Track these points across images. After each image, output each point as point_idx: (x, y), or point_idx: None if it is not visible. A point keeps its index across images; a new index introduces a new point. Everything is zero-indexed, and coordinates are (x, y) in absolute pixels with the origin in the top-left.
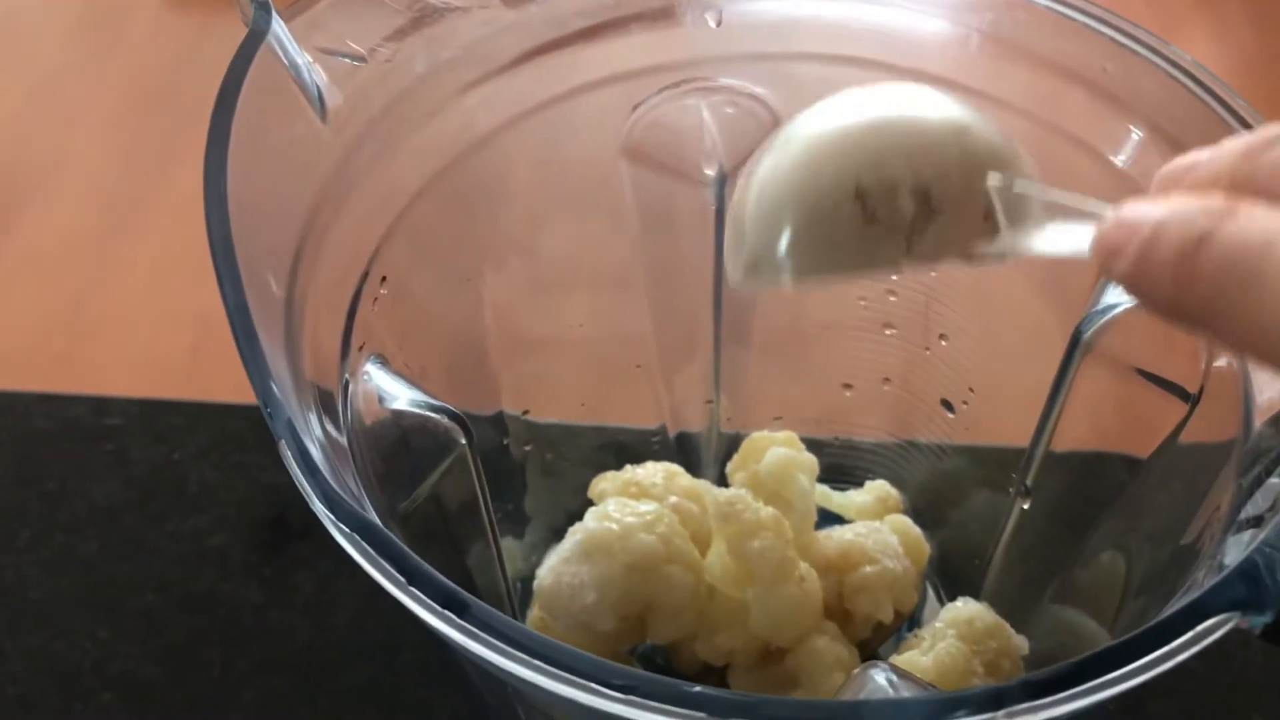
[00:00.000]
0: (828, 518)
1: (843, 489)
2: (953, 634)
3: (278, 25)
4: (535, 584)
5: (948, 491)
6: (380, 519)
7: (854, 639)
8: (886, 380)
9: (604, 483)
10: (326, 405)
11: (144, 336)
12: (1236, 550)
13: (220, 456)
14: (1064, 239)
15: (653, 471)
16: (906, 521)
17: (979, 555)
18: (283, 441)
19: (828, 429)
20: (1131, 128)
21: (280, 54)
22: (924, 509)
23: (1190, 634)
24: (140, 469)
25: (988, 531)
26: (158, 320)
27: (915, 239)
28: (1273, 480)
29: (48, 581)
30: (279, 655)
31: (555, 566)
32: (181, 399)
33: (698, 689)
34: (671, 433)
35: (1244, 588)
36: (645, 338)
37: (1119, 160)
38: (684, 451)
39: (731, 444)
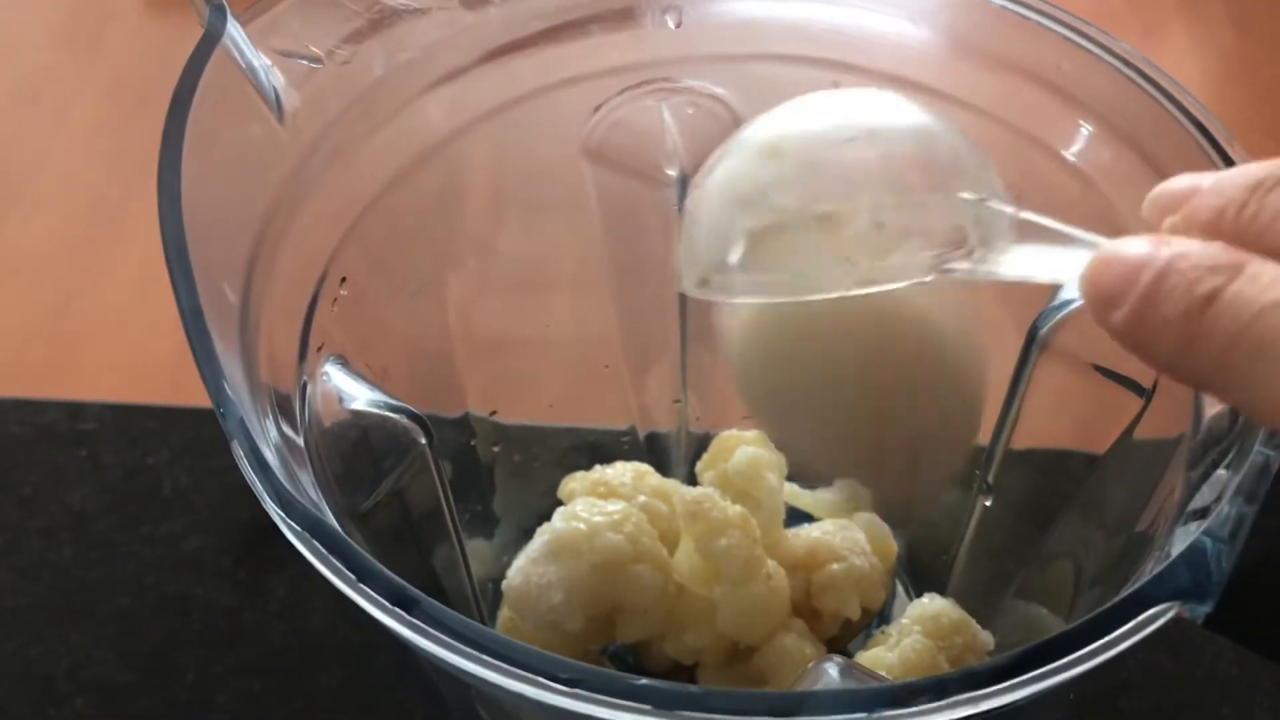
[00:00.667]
0: (797, 516)
1: (812, 487)
2: (918, 630)
3: (233, 27)
4: (504, 585)
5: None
6: (339, 521)
7: (822, 636)
8: None
9: (573, 483)
10: (284, 408)
11: (128, 341)
12: (1184, 542)
13: (195, 460)
14: (1042, 266)
15: (621, 471)
16: (874, 519)
17: (945, 552)
18: (235, 441)
19: None
20: (1082, 122)
21: (236, 56)
22: (892, 508)
23: (1131, 624)
24: (114, 474)
25: (954, 528)
26: (142, 325)
27: (881, 261)
28: (1219, 473)
29: (22, 587)
30: (254, 658)
31: (523, 567)
32: (156, 404)
33: (644, 682)
34: (641, 432)
35: (1186, 577)
36: (612, 338)
37: (1070, 155)
38: (654, 451)
39: (701, 443)
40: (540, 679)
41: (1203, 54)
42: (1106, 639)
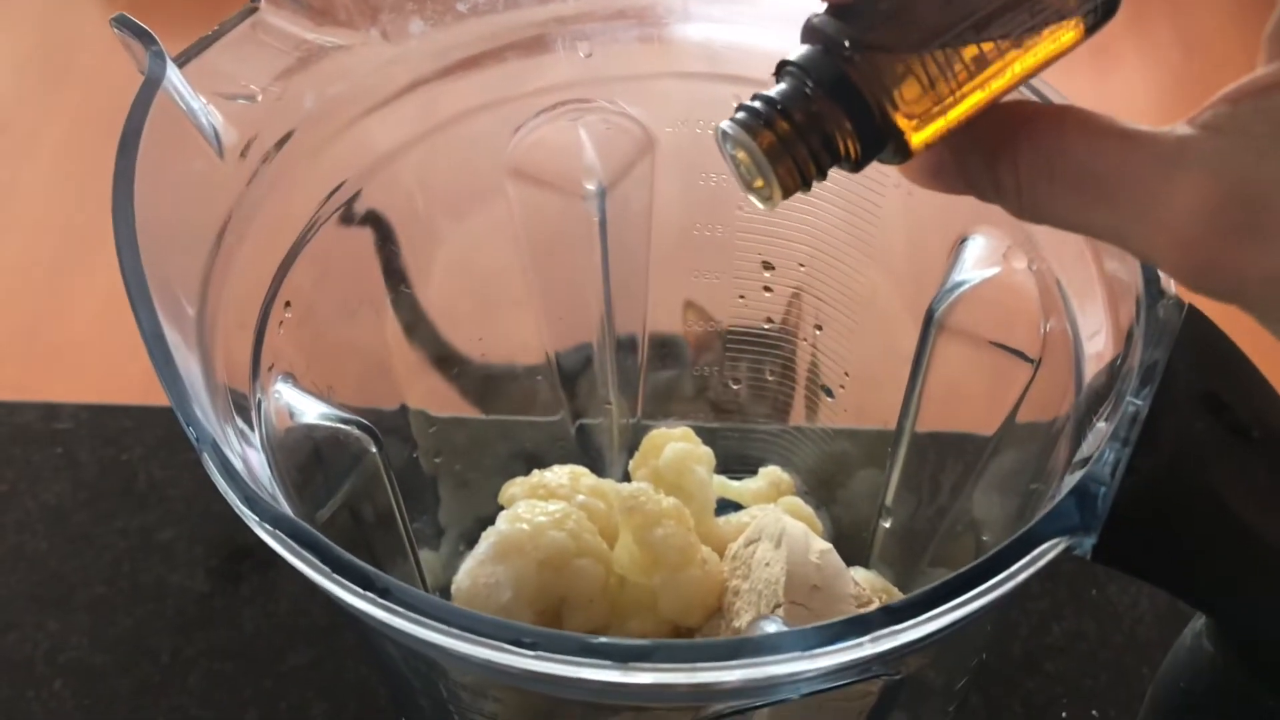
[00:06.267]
0: (727, 505)
1: (739, 477)
2: None
3: (172, 72)
4: (453, 588)
5: (835, 472)
6: None
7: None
8: (771, 371)
9: (514, 487)
10: (244, 419)
11: (97, 363)
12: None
13: (169, 455)
14: None
15: (559, 474)
16: (798, 502)
17: (866, 528)
18: (205, 455)
19: (722, 421)
20: None
21: (176, 98)
22: (815, 489)
23: (1027, 558)
24: (89, 470)
25: (872, 505)
26: (111, 347)
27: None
28: (1099, 425)
29: None
30: (224, 641)
31: (471, 569)
32: (131, 403)
33: (601, 640)
34: (575, 437)
35: (1073, 515)
36: (542, 347)
37: None
38: (588, 454)
39: (633, 443)
40: (505, 645)
41: (1151, 73)
42: (1006, 573)
